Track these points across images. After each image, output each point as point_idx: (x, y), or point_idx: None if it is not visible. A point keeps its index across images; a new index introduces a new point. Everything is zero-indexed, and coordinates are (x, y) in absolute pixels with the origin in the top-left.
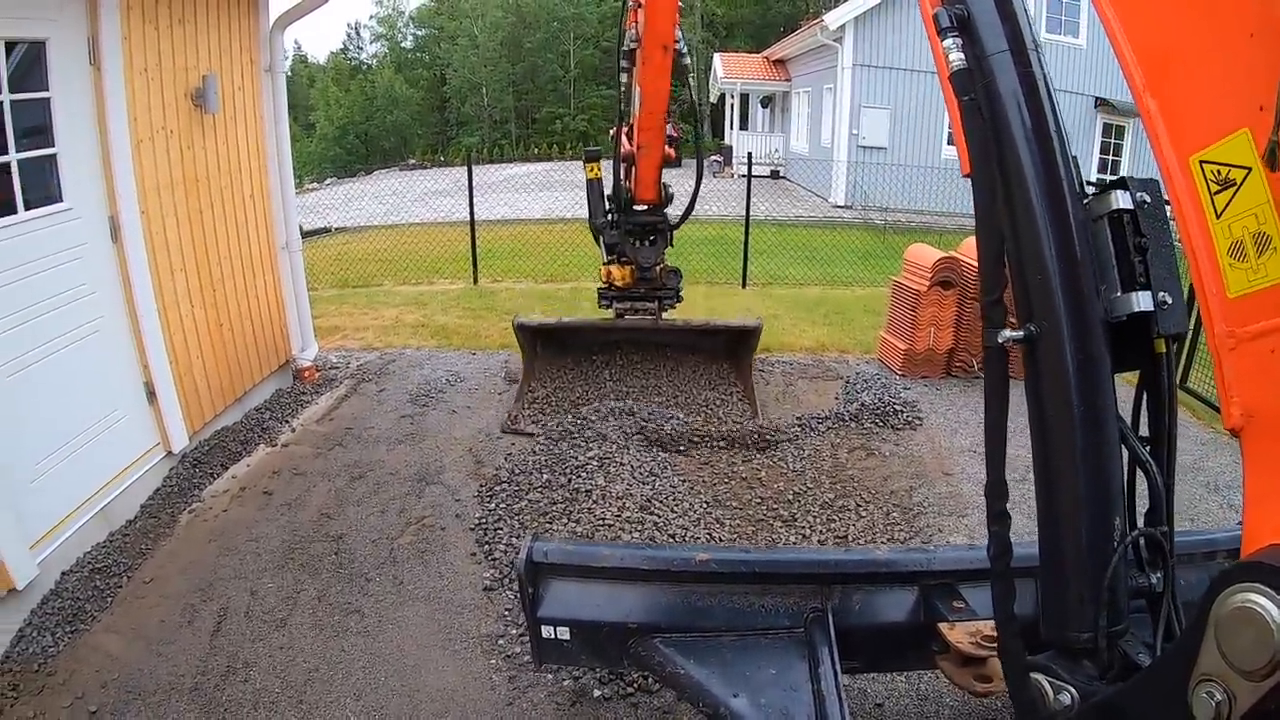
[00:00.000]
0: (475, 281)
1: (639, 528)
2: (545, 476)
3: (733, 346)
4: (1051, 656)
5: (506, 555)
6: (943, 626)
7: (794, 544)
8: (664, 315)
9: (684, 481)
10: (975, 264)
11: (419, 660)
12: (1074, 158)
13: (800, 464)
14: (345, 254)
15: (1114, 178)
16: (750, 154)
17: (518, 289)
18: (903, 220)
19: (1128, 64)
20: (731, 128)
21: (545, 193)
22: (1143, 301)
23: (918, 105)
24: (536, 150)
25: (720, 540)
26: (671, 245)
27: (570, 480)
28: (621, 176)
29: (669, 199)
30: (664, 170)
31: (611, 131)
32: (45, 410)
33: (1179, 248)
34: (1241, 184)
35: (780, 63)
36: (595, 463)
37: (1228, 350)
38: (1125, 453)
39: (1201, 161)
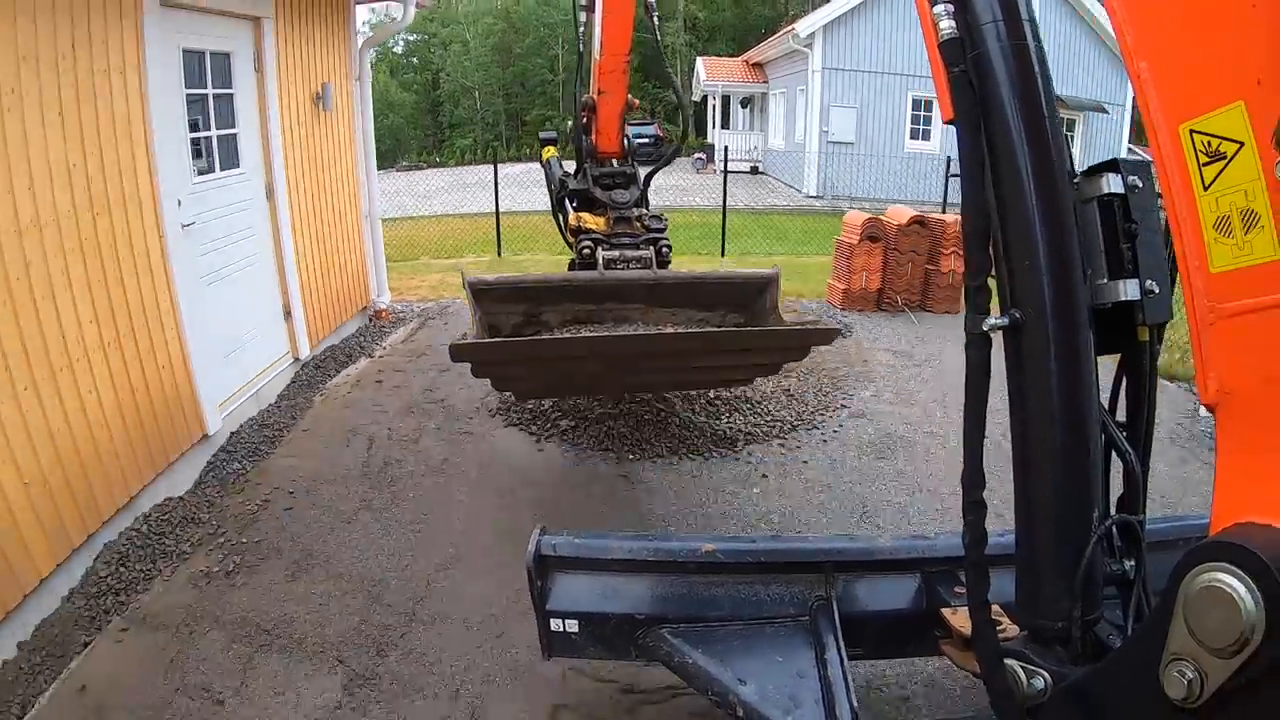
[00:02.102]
0: (499, 254)
1: None
2: None
3: (747, 302)
4: (1024, 642)
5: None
6: (945, 611)
7: (769, 412)
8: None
9: None
10: (894, 223)
11: (511, 449)
12: (1066, 137)
13: None
14: None
15: (1105, 160)
16: (726, 148)
17: (537, 259)
18: (868, 207)
19: (1119, 21)
20: (714, 127)
21: (540, 189)
22: (1130, 290)
23: (881, 103)
24: (528, 151)
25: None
26: (645, 196)
27: None
28: (581, 129)
29: (633, 150)
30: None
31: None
32: (227, 312)
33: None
34: (1232, 158)
35: (758, 65)
36: None
37: (1207, 325)
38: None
39: (1192, 130)
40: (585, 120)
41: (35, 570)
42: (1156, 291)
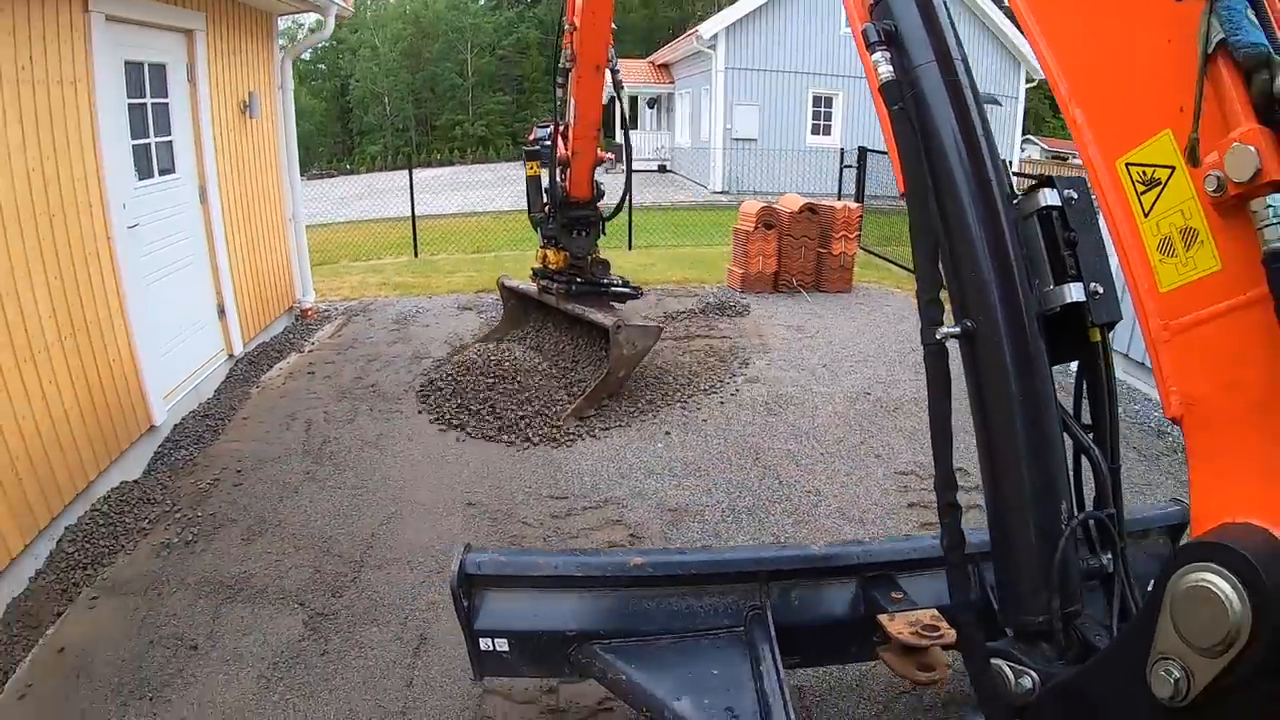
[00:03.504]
0: (416, 255)
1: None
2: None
3: (601, 340)
4: (1010, 641)
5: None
6: (882, 618)
7: (669, 382)
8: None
9: None
10: (787, 211)
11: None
12: (1004, 161)
13: (671, 338)
14: None
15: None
16: (624, 145)
17: (452, 258)
18: (770, 200)
19: (1052, 74)
20: (623, 128)
21: (454, 193)
22: (1075, 293)
23: (783, 101)
24: (438, 156)
25: None
26: (604, 234)
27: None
28: (558, 177)
29: (600, 195)
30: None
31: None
32: (168, 310)
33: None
34: (1166, 183)
35: (664, 67)
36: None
37: (1163, 343)
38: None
39: (1128, 164)
40: (562, 170)
41: (6, 550)
42: (1101, 292)
